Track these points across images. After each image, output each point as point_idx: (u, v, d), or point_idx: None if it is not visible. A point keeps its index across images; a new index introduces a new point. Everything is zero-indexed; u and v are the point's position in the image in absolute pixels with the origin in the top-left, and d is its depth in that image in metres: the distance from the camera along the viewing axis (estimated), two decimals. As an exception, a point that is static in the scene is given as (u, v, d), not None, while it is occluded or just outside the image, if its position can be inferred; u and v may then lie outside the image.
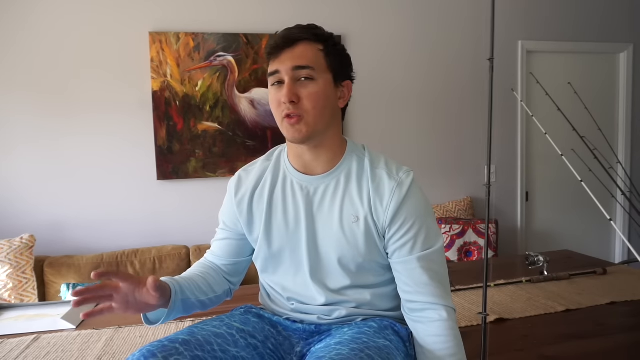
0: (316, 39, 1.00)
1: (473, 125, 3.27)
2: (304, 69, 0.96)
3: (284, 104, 0.96)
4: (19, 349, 1.31)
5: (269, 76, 1.00)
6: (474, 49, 3.23)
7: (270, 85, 1.00)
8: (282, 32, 1.00)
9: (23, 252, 2.36)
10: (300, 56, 0.97)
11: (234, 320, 1.01)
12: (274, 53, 0.99)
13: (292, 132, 0.97)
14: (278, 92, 0.98)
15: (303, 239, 1.02)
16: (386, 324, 1.02)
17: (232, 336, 0.94)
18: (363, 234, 0.99)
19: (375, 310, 1.05)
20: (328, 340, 0.96)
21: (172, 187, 2.81)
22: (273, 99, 1.00)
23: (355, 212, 1.00)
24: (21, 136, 2.61)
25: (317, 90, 0.97)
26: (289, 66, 0.97)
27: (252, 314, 1.08)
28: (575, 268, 1.90)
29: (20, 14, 2.56)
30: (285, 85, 0.96)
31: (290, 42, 0.98)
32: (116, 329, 1.45)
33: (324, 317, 1.03)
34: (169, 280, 0.97)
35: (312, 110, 0.96)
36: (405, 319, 1.02)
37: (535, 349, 1.24)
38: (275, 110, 0.99)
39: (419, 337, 0.98)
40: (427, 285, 0.97)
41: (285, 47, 0.98)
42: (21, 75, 2.58)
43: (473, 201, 3.26)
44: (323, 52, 1.00)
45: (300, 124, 0.96)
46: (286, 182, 1.06)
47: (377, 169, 1.02)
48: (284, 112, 0.97)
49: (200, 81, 2.77)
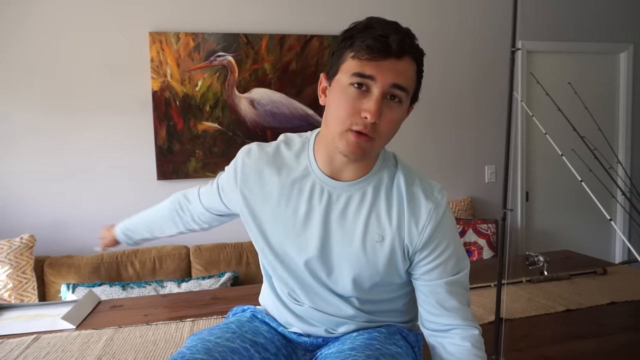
0: (418, 57, 0.88)
1: (473, 125, 3.27)
2: (401, 89, 0.84)
3: (362, 118, 0.82)
4: (19, 349, 1.31)
5: (353, 75, 0.83)
6: (474, 48, 3.23)
7: (349, 84, 0.83)
8: (391, 33, 0.82)
9: (23, 252, 2.36)
10: (403, 74, 0.84)
11: (244, 330, 0.97)
12: (376, 54, 0.82)
13: (355, 149, 0.85)
14: (358, 98, 0.83)
15: (312, 245, 0.93)
16: (394, 330, 1.00)
17: (247, 351, 0.90)
18: (386, 256, 0.92)
19: (384, 323, 1.02)
20: (339, 345, 0.93)
21: (172, 187, 2.81)
22: (348, 102, 0.83)
23: (381, 232, 0.91)
24: (21, 136, 2.61)
25: (399, 117, 0.87)
26: (389, 80, 0.82)
27: (259, 320, 1.05)
28: (575, 268, 1.90)
29: (19, 13, 2.56)
30: (375, 100, 0.82)
31: (400, 53, 0.83)
32: (116, 329, 1.45)
33: (332, 331, 1.00)
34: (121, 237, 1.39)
35: (385, 135, 0.86)
36: (426, 335, 0.98)
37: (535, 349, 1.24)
38: (345, 116, 0.83)
39: (446, 350, 0.92)
40: (456, 309, 0.92)
41: (394, 55, 0.82)
42: (21, 75, 2.58)
43: (473, 201, 3.26)
44: (416, 75, 0.88)
45: (367, 144, 0.85)
46: (306, 179, 0.95)
47: (413, 186, 0.93)
48: (357, 127, 0.83)
49: (200, 81, 2.77)
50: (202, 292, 1.84)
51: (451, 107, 3.23)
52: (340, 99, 0.85)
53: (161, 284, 2.46)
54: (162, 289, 2.43)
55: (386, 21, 0.86)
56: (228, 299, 1.70)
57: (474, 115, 3.27)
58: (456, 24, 3.19)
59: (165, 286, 2.45)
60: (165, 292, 2.42)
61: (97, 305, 1.68)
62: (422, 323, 0.98)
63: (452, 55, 3.20)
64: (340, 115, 0.84)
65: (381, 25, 0.84)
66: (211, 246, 2.70)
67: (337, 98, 0.86)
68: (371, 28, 0.84)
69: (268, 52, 2.85)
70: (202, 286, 2.45)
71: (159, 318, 1.53)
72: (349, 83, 0.84)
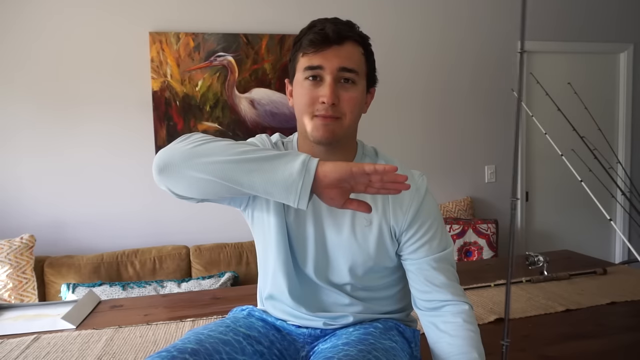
0: (360, 41, 0.96)
1: (473, 125, 3.27)
2: (350, 71, 0.93)
3: (321, 103, 0.92)
4: (19, 349, 1.31)
5: (305, 69, 0.93)
6: (474, 49, 3.23)
7: (304, 79, 0.94)
8: (328, 25, 0.93)
9: (23, 252, 2.36)
10: (348, 57, 0.93)
11: (239, 325, 0.98)
12: (318, 46, 0.92)
13: (324, 131, 0.93)
14: (314, 88, 0.93)
15: (310, 243, 0.99)
16: (391, 325, 1.02)
17: (239, 343, 0.92)
18: (375, 239, 0.98)
19: (380, 314, 1.04)
20: (334, 340, 0.95)
21: (172, 187, 2.81)
22: (306, 94, 0.93)
23: (367, 216, 0.97)
24: (21, 136, 2.61)
25: (356, 95, 0.94)
26: (335, 65, 0.92)
27: (255, 317, 1.06)
28: (575, 268, 1.90)
29: (19, 13, 2.56)
30: (328, 85, 0.91)
31: (339, 39, 0.92)
32: (116, 329, 1.45)
33: (330, 324, 1.02)
34: None
35: (349, 114, 0.94)
36: (420, 316, 1.01)
37: (535, 349, 1.24)
38: (306, 106, 0.94)
39: (439, 328, 0.96)
40: (446, 285, 0.97)
41: (333, 43, 0.92)
42: (21, 75, 2.58)
43: (473, 201, 3.26)
44: (364, 57, 0.97)
45: (334, 125, 0.93)
46: None
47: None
48: (319, 112, 0.93)
49: (200, 81, 2.77)
50: (202, 292, 1.84)
51: (451, 108, 3.23)
52: (299, 94, 0.95)
53: (161, 284, 2.46)
54: (162, 289, 2.44)
55: (326, 19, 0.96)
56: (228, 299, 1.70)
57: (474, 116, 3.27)
58: (457, 25, 3.19)
59: (165, 286, 2.45)
60: (165, 292, 2.42)
61: (97, 305, 1.68)
62: (415, 303, 1.02)
63: (452, 56, 3.20)
64: (302, 106, 0.95)
65: (321, 22, 0.95)
66: (211, 246, 2.70)
67: (298, 94, 0.96)
68: (313, 27, 0.95)
69: (268, 52, 2.85)
70: (202, 286, 2.46)
71: (159, 318, 1.53)
72: (303, 78, 0.94)
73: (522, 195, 3.40)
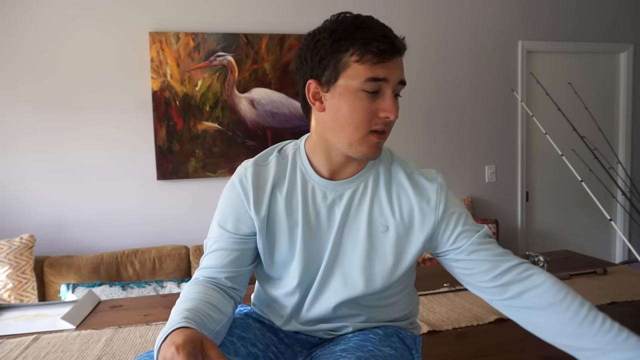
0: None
1: (473, 125, 3.27)
2: (403, 85, 0.88)
3: (383, 118, 0.86)
4: (19, 349, 1.31)
5: (367, 80, 0.83)
6: (473, 49, 3.23)
7: (362, 91, 0.84)
8: (386, 31, 0.84)
9: (23, 252, 2.36)
10: (403, 69, 0.88)
11: (234, 325, 0.95)
12: (387, 56, 0.83)
13: (376, 148, 0.89)
14: (373, 101, 0.85)
15: (326, 255, 0.94)
16: (391, 331, 0.99)
17: (232, 344, 0.89)
18: (393, 246, 0.93)
19: (382, 322, 1.01)
20: (332, 347, 0.92)
21: (172, 187, 2.81)
22: (365, 107, 0.85)
23: (384, 222, 0.93)
24: (21, 136, 2.61)
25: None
26: (397, 78, 0.86)
27: (252, 318, 1.04)
28: (575, 268, 1.90)
29: (20, 13, 2.56)
30: (391, 100, 0.85)
31: (402, 49, 0.86)
32: (116, 329, 1.45)
33: (331, 333, 0.99)
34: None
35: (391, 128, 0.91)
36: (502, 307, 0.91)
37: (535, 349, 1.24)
38: (365, 121, 0.85)
39: (539, 297, 0.85)
40: (506, 253, 0.91)
41: (397, 54, 0.85)
42: (21, 75, 2.58)
43: (473, 201, 3.26)
44: None
45: (384, 141, 0.90)
46: (306, 187, 0.95)
47: (414, 174, 0.97)
48: (378, 127, 0.86)
49: (200, 81, 2.77)
50: (202, 292, 1.83)
51: (451, 108, 3.23)
52: (354, 105, 0.85)
53: (161, 284, 2.46)
54: (162, 289, 2.43)
55: (371, 18, 0.86)
56: (228, 299, 1.69)
57: (474, 116, 3.27)
58: (457, 25, 3.19)
59: (165, 286, 2.45)
60: (165, 292, 2.42)
61: (97, 305, 1.68)
62: (485, 292, 0.92)
63: (452, 56, 3.20)
64: (358, 121, 0.85)
65: (371, 25, 0.84)
66: (211, 246, 2.70)
67: (349, 105, 0.85)
68: (363, 29, 0.83)
69: (268, 52, 2.85)
70: (202, 286, 2.45)
71: (159, 318, 1.53)
72: (361, 89, 0.84)
73: (522, 195, 3.40)
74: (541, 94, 2.89)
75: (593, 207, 2.22)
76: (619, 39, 3.51)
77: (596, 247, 3.57)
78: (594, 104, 3.31)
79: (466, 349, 1.08)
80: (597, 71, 3.53)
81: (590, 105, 3.14)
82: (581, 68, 3.49)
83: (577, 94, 3.03)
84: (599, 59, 3.53)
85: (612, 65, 3.56)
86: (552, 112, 2.73)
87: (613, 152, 3.38)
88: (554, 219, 3.52)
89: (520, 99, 3.16)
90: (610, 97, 3.57)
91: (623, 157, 3.55)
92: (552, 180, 3.47)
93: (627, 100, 3.55)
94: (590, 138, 2.78)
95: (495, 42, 3.27)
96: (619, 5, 3.49)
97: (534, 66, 3.36)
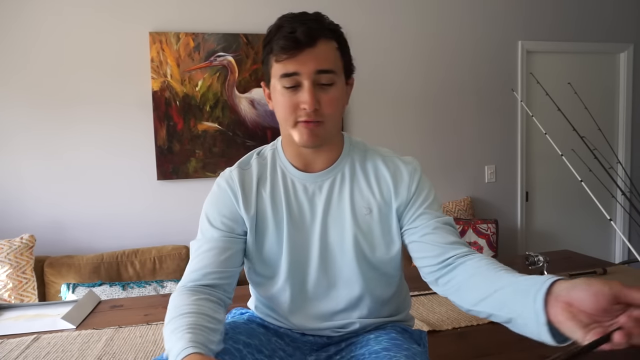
0: (332, 36, 0.91)
1: (473, 125, 3.27)
2: (327, 73, 0.89)
3: (302, 109, 0.89)
4: (19, 349, 1.31)
5: (282, 77, 0.89)
6: (473, 49, 3.23)
7: (282, 87, 0.90)
8: (297, 25, 0.87)
9: (23, 252, 2.36)
10: (323, 58, 0.88)
11: (238, 332, 0.94)
12: (291, 51, 0.87)
13: (309, 137, 0.91)
14: (293, 95, 0.89)
15: (315, 246, 0.96)
16: (399, 329, 1.00)
17: (239, 352, 0.88)
18: (378, 225, 0.96)
19: (382, 318, 1.02)
20: (369, 347, 0.91)
21: (172, 187, 2.81)
22: (287, 102, 0.90)
23: (366, 204, 0.97)
24: (21, 136, 2.61)
25: (336, 95, 0.91)
26: (311, 69, 0.87)
27: (256, 323, 1.03)
28: (575, 268, 1.90)
29: (19, 13, 2.56)
30: (307, 91, 0.88)
31: (311, 41, 0.87)
32: (116, 329, 1.45)
33: (338, 330, 0.99)
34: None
35: (331, 115, 0.91)
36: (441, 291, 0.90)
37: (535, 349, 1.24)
38: (288, 114, 0.90)
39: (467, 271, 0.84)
40: (458, 242, 0.91)
41: (306, 46, 0.87)
42: (21, 75, 2.58)
43: (473, 201, 3.26)
44: (339, 52, 0.93)
45: (318, 129, 0.91)
46: (287, 182, 0.99)
47: (390, 157, 1.01)
48: (302, 118, 0.90)
49: (200, 81, 2.77)
50: (202, 292, 1.83)
51: (451, 108, 3.23)
52: (279, 102, 0.92)
53: (161, 284, 2.46)
54: (162, 289, 2.44)
55: (294, 15, 0.91)
56: (228, 299, 1.70)
57: (474, 116, 3.27)
58: (457, 26, 3.19)
59: (165, 286, 2.45)
60: (165, 292, 2.42)
61: (97, 305, 1.68)
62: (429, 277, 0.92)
63: (452, 56, 3.20)
64: (284, 114, 0.92)
65: (289, 22, 0.90)
66: (211, 246, 2.70)
67: (277, 102, 0.93)
68: (281, 27, 0.90)
69: (268, 52, 2.85)
70: (202, 286, 2.45)
71: (159, 318, 1.53)
72: (281, 86, 0.90)
73: (522, 195, 3.40)
74: (541, 94, 2.89)
75: (593, 207, 2.22)
76: (619, 39, 3.51)
77: (596, 247, 3.57)
78: (594, 104, 3.31)
79: (466, 349, 1.08)
80: (597, 71, 3.53)
81: (590, 105, 3.14)
82: (581, 68, 3.49)
83: (577, 94, 3.03)
84: (599, 59, 3.53)
85: (612, 65, 3.56)
86: (552, 112, 2.73)
87: (613, 152, 3.38)
88: (553, 219, 3.52)
89: (520, 99, 3.16)
90: (610, 97, 3.57)
91: (623, 157, 3.55)
92: (552, 180, 3.47)
93: (627, 100, 3.55)
94: (590, 138, 2.78)
95: (496, 42, 3.27)
96: (619, 6, 3.49)
97: (534, 66, 3.36)
